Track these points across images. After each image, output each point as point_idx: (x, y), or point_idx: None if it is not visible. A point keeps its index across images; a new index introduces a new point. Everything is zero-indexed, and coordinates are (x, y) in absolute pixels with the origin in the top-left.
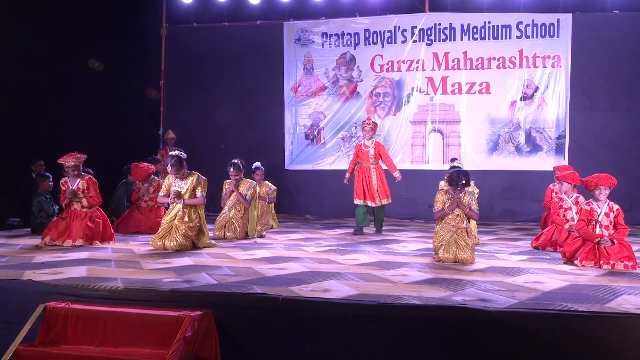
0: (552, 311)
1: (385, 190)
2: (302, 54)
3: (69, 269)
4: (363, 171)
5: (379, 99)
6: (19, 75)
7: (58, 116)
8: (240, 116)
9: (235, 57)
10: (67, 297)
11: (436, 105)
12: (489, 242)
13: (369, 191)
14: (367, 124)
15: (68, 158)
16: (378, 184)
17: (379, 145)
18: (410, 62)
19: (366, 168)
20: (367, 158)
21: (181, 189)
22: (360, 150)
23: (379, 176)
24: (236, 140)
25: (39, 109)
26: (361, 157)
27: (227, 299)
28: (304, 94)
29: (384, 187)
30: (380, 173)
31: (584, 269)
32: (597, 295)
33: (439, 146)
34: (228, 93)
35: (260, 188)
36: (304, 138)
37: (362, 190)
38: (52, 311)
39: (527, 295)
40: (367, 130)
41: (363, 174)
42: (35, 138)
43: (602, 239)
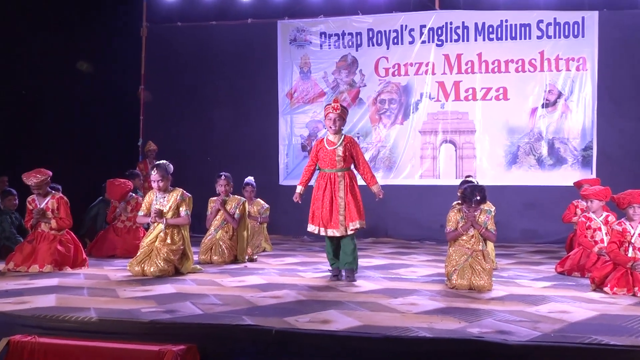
0: (579, 345)
1: (358, 209)
2: (298, 56)
3: (35, 298)
4: (325, 181)
5: (384, 106)
6: None
7: (24, 125)
8: (229, 126)
9: (224, 59)
10: (33, 330)
11: (448, 113)
12: (509, 267)
13: (328, 212)
14: (332, 107)
15: (30, 175)
16: (347, 201)
17: (350, 143)
18: (418, 65)
19: (330, 176)
20: (331, 161)
21: (163, 207)
22: (322, 149)
23: (350, 187)
24: (224, 152)
25: (3, 117)
26: (323, 160)
27: (213, 331)
28: (301, 100)
29: (357, 204)
30: (352, 183)
31: (615, 296)
32: (631, 326)
33: (451, 159)
34: (215, 100)
35: (251, 206)
36: (300, 150)
37: (320, 209)
38: (16, 345)
39: (551, 326)
40: (331, 118)
41: (324, 186)
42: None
43: (636, 263)
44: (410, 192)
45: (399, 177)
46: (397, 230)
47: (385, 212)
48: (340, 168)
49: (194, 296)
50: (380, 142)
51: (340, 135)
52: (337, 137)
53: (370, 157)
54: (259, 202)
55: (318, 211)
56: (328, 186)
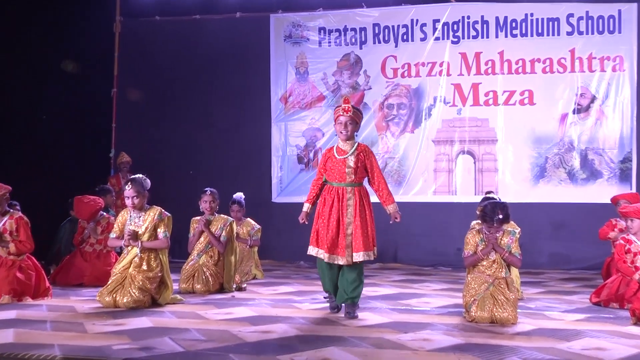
0: None
1: (365, 237)
2: (294, 54)
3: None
4: (332, 196)
5: (392, 112)
6: None
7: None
8: (215, 134)
9: (209, 59)
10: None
11: (465, 119)
12: (536, 297)
13: (334, 234)
14: (343, 109)
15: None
16: (356, 223)
17: (364, 152)
18: (431, 65)
19: (338, 192)
20: (340, 173)
21: (138, 228)
22: (331, 158)
23: (360, 208)
24: (209, 165)
25: None
26: (331, 171)
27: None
28: (297, 105)
29: (365, 231)
30: (363, 203)
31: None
32: None
33: (469, 172)
34: (199, 105)
35: (240, 227)
36: (296, 162)
37: (325, 229)
38: None
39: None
40: (342, 121)
41: (331, 202)
42: None
43: None
44: (423, 210)
45: (410, 193)
46: (407, 254)
47: (394, 233)
48: (351, 182)
49: (173, 331)
50: (388, 153)
51: (352, 143)
52: (349, 144)
53: None
54: (249, 223)
55: (323, 231)
56: (335, 203)
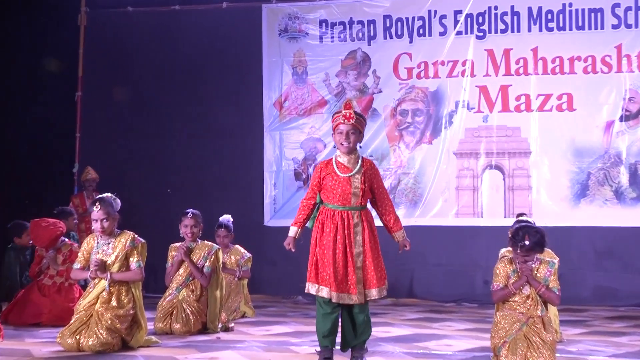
0: None
1: (379, 271)
2: (291, 52)
3: None
4: (334, 222)
5: (407, 119)
6: None
7: None
8: (197, 146)
9: (190, 57)
10: None
11: (493, 128)
12: (578, 338)
13: (342, 268)
14: (344, 116)
15: None
16: (367, 254)
17: (371, 169)
18: (452, 65)
19: (342, 217)
20: (344, 194)
21: (107, 257)
22: (331, 176)
23: (370, 236)
24: (190, 182)
25: None
26: (332, 192)
27: None
28: (294, 111)
29: (379, 263)
30: (371, 232)
31: None
32: None
33: (498, 190)
34: (178, 111)
35: (227, 255)
36: (292, 178)
37: (330, 263)
38: None
39: None
40: (343, 130)
41: (334, 230)
42: None
43: None
44: (443, 235)
45: (427, 215)
46: (424, 288)
47: (409, 262)
48: (357, 206)
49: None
50: (402, 167)
51: (356, 157)
52: (353, 159)
53: (388, 188)
54: (238, 250)
55: (327, 266)
56: (340, 231)
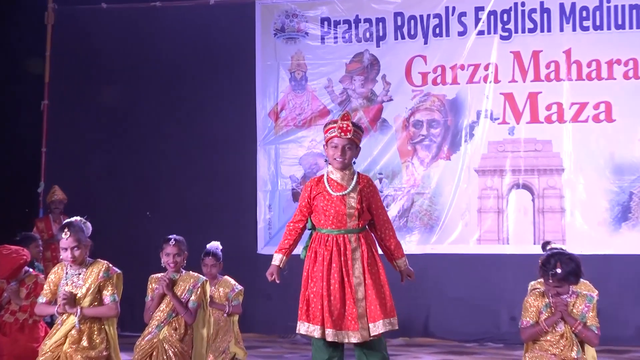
0: None
1: (382, 300)
2: (288, 54)
3: None
4: (328, 249)
5: (421, 132)
6: None
7: None
8: (181, 162)
9: (172, 61)
10: None
11: (520, 142)
12: None
13: (339, 302)
14: (340, 127)
15: None
16: (368, 283)
17: (368, 186)
18: (474, 69)
19: (337, 242)
20: (338, 216)
21: (77, 290)
22: (322, 195)
23: (369, 261)
24: (172, 204)
25: None
26: (324, 213)
27: None
28: (291, 122)
29: (381, 291)
30: (373, 254)
31: None
32: None
33: (526, 213)
34: (159, 122)
35: (215, 288)
36: (290, 199)
37: (324, 297)
38: None
39: None
40: (337, 145)
41: (329, 258)
42: None
43: None
44: (463, 265)
45: (445, 241)
46: (442, 325)
47: (424, 296)
48: (354, 228)
49: None
50: (415, 187)
51: (351, 173)
52: (347, 175)
53: (400, 210)
54: (228, 282)
55: (319, 300)
56: (335, 258)
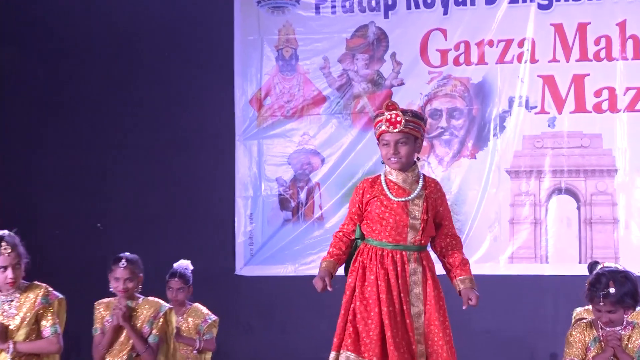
0: None
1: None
2: (275, 27)
3: None
4: (383, 267)
5: (440, 123)
6: None
7: None
8: (139, 162)
9: (129, 34)
10: None
11: (563, 135)
12: None
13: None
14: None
15: None
16: (431, 315)
17: (436, 192)
18: (505, 45)
19: (395, 259)
20: (397, 226)
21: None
22: (379, 199)
23: (434, 288)
24: (129, 213)
25: None
26: (376, 222)
27: None
28: (278, 112)
29: (446, 326)
30: (434, 282)
31: None
32: None
33: (570, 224)
34: (110, 112)
35: (182, 318)
36: (277, 207)
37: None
38: None
39: None
40: (388, 142)
41: (383, 277)
42: None
43: None
44: (492, 288)
45: (470, 259)
46: (468, 356)
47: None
48: (416, 245)
49: None
50: None
51: (415, 174)
52: (410, 177)
53: None
54: (198, 311)
55: (377, 328)
56: (392, 279)
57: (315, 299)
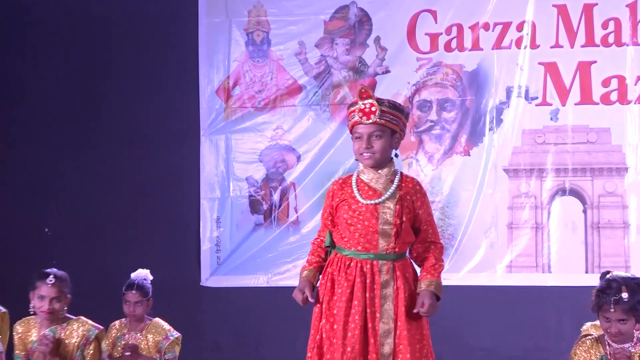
0: None
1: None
2: (244, 8)
3: None
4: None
5: (429, 116)
6: None
7: None
8: (91, 159)
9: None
10: None
11: (567, 129)
12: None
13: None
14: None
15: None
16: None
17: (415, 192)
18: (502, 28)
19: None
20: (365, 232)
21: None
22: (347, 200)
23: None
24: (81, 217)
25: None
26: (344, 229)
27: None
28: (249, 103)
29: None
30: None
31: None
32: None
33: (575, 229)
34: (59, 103)
35: (141, 335)
36: (247, 210)
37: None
38: None
39: None
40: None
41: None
42: None
43: None
44: (488, 301)
45: (462, 269)
46: None
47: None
48: (389, 253)
49: None
50: None
51: (389, 172)
52: (383, 176)
53: None
54: (159, 327)
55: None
56: (358, 293)
57: (291, 313)
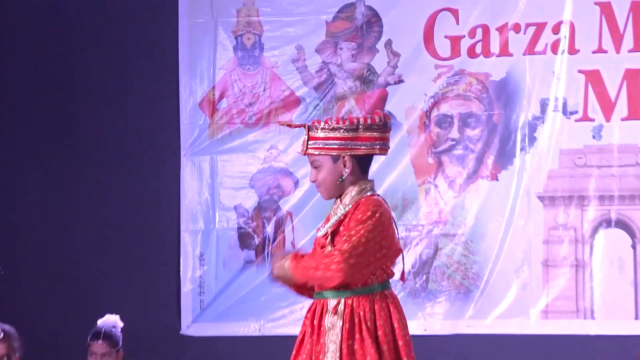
0: None
1: None
2: (232, 7)
3: None
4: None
5: (450, 134)
6: None
7: None
8: (54, 185)
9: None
10: None
11: (613, 149)
12: None
13: None
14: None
15: None
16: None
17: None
18: (535, 31)
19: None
20: None
21: None
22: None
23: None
24: (41, 252)
25: None
26: None
27: None
28: (237, 119)
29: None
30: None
31: None
32: None
33: (622, 268)
34: (21, 118)
35: None
36: (236, 244)
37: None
38: None
39: None
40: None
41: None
42: None
43: None
44: (520, 349)
45: (489, 314)
46: None
47: None
48: (334, 290)
49: None
50: (441, 223)
51: (351, 199)
52: (341, 207)
53: (416, 262)
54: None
55: None
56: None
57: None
